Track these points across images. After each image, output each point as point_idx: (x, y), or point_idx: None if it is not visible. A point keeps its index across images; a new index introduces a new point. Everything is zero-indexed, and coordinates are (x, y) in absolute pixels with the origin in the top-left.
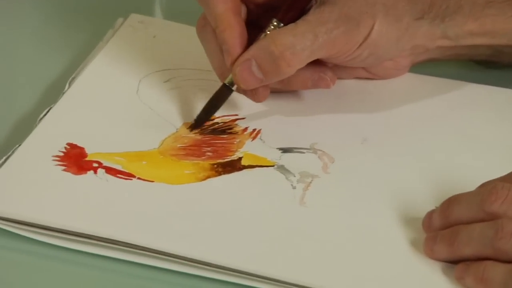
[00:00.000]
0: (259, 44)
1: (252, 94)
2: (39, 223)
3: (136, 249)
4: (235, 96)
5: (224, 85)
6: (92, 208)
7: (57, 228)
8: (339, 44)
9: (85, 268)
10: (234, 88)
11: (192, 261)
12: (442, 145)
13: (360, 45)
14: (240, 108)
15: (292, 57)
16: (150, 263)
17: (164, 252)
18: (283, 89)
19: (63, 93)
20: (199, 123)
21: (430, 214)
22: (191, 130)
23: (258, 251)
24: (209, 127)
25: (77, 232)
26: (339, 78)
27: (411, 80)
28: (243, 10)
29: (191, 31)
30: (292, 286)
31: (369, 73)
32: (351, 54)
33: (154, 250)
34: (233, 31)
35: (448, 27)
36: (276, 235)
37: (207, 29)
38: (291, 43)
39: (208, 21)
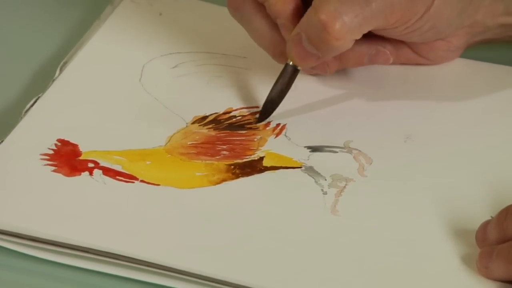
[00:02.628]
0: (306, 14)
1: (320, 68)
2: (25, 234)
3: (139, 264)
4: (255, 83)
5: (287, 65)
6: (87, 216)
7: (46, 240)
8: (398, 12)
9: (80, 286)
10: (299, 67)
11: (205, 279)
12: (500, 145)
13: (422, 15)
14: (261, 98)
15: (340, 29)
16: (155, 281)
17: (173, 269)
18: (337, 69)
19: (53, 80)
20: (266, 114)
21: (484, 226)
22: (255, 125)
23: (283, 268)
24: (225, 121)
25: (70, 245)
26: (378, 64)
27: (463, 68)
28: None
29: (203, 7)
30: None
31: (419, 56)
32: (411, 25)
33: (161, 266)
34: (286, 1)
35: None
36: (303, 249)
37: (247, 5)
38: (337, 11)
39: None
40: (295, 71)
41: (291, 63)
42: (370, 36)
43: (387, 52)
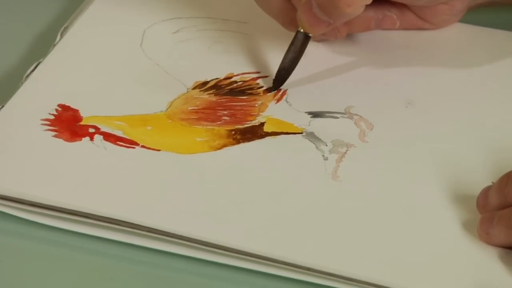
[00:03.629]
0: None
1: (331, 34)
2: (25, 199)
3: (140, 230)
4: (256, 49)
5: (298, 32)
6: (88, 181)
7: (47, 205)
8: None
9: (80, 252)
10: (310, 34)
11: (206, 245)
12: (501, 110)
13: None
14: (262, 63)
15: None
16: (156, 246)
17: (173, 234)
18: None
19: (54, 45)
20: (279, 82)
21: (485, 191)
22: (269, 92)
23: (283, 234)
24: (226, 86)
25: (71, 210)
26: (385, 28)
27: (465, 33)
28: None
29: None
30: (323, 275)
31: (422, 20)
32: None
33: (161, 231)
34: None
35: None
36: (304, 214)
37: None
38: None
39: None
40: (306, 38)
41: (302, 30)
42: (376, 1)
43: (393, 16)
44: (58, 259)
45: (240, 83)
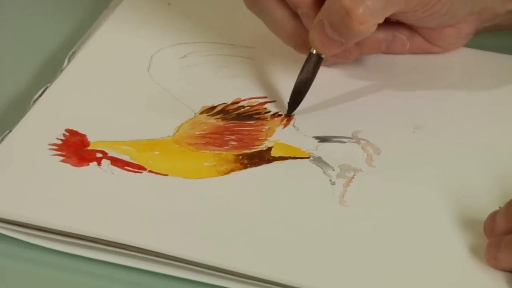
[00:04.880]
0: (328, 1)
1: (342, 55)
2: (33, 224)
3: (148, 254)
4: (264, 73)
5: (310, 54)
6: (95, 205)
7: (54, 230)
8: None
9: (87, 277)
10: (323, 55)
11: (213, 269)
12: (508, 134)
13: None
14: (270, 88)
15: (364, 13)
16: (163, 271)
17: (180, 259)
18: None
19: (61, 70)
20: (294, 105)
21: (493, 216)
22: (285, 116)
23: (291, 259)
24: (234, 111)
25: (78, 235)
26: (393, 53)
27: (472, 58)
28: None
29: None
30: None
31: (429, 44)
32: (430, 8)
33: (168, 256)
34: None
35: None
36: (311, 239)
37: None
38: None
39: None
40: (319, 60)
41: (314, 51)
42: (386, 23)
43: (404, 38)
44: (64, 284)
45: (248, 108)
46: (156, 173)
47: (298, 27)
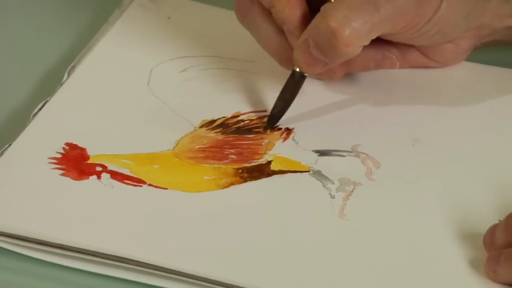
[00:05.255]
0: (314, 20)
1: (326, 74)
2: (33, 237)
3: (147, 268)
4: (263, 87)
5: (294, 72)
6: (95, 219)
7: (54, 243)
8: (406, 17)
9: None
10: (306, 74)
11: (212, 283)
12: (508, 148)
13: (430, 19)
14: (269, 102)
15: (350, 35)
16: (162, 284)
17: (180, 272)
18: (343, 74)
19: (61, 84)
20: (273, 121)
21: (492, 230)
22: (264, 130)
23: (290, 272)
24: (233, 125)
25: (78, 248)
26: (385, 68)
27: (471, 71)
28: None
29: (211, 11)
30: None
31: (427, 59)
32: (419, 29)
33: (168, 269)
34: (293, 8)
35: None
36: (311, 253)
37: (255, 10)
38: (345, 17)
39: (254, 1)
40: (302, 78)
41: (297, 69)
42: (376, 41)
43: (393, 57)
44: None
45: (247, 121)
46: (156, 186)
47: (284, 43)
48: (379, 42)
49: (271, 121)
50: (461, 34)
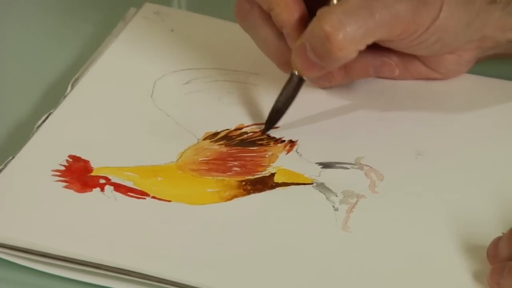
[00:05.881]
0: (311, 24)
1: (325, 79)
2: (36, 249)
3: (151, 280)
4: (267, 100)
5: (292, 75)
6: (98, 231)
7: (57, 256)
8: (403, 23)
9: None
10: (305, 77)
11: None
12: (511, 161)
13: (428, 28)
14: None
15: (343, 39)
16: None
17: (183, 284)
18: (342, 80)
19: (65, 96)
20: (271, 123)
21: (496, 242)
22: (262, 134)
23: (294, 285)
24: (237, 137)
25: (81, 260)
26: (384, 75)
27: (474, 84)
28: None
29: (215, 24)
30: None
31: (429, 70)
32: (417, 37)
33: (171, 281)
34: (291, 11)
35: None
36: (315, 265)
37: (254, 14)
38: (340, 22)
39: (254, 4)
40: (300, 81)
41: (296, 72)
42: (377, 48)
43: (392, 63)
44: None
45: (251, 134)
46: (159, 199)
47: (283, 46)
48: (379, 49)
49: (268, 124)
50: (463, 45)
